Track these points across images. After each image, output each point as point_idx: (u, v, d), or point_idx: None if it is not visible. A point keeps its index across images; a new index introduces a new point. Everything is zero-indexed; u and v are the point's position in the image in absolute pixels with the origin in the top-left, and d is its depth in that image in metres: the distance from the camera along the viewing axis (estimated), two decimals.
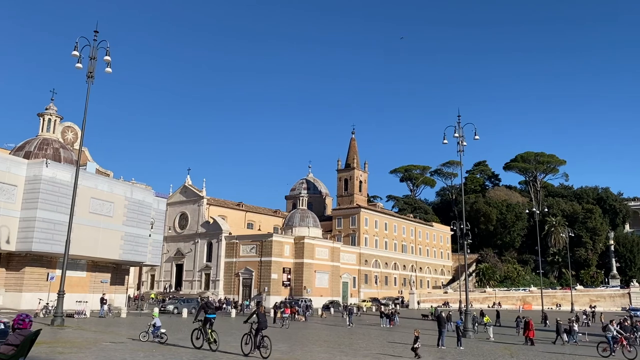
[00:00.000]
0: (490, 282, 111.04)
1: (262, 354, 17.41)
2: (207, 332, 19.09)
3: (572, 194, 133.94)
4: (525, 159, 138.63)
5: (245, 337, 18.49)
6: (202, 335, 19.33)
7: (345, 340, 30.17)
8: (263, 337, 17.78)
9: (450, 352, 25.39)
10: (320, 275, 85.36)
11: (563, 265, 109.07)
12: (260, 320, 17.97)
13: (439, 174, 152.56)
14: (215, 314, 20.33)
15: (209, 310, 19.52)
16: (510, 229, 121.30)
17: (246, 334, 18.53)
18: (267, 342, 17.64)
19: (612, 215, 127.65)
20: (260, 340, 17.71)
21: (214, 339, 19.00)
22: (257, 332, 17.85)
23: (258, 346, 17.68)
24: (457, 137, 38.18)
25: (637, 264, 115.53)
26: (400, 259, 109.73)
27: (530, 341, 32.10)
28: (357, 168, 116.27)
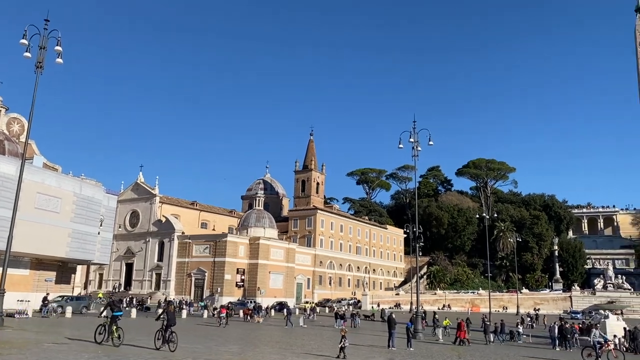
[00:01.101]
0: (441, 284, 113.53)
1: (170, 347, 19.30)
2: (112, 329, 20.06)
3: (521, 201, 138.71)
4: (477, 165, 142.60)
5: (157, 333, 20.09)
6: (105, 331, 20.25)
7: (298, 341, 30.16)
8: (172, 332, 19.59)
9: (400, 353, 25.78)
10: (274, 277, 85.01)
11: (510, 269, 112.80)
12: (169, 318, 19.76)
13: (394, 178, 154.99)
14: (122, 312, 22.38)
15: (115, 308, 20.98)
16: (461, 233, 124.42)
17: (158, 330, 20.10)
18: (174, 337, 19.59)
19: (557, 221, 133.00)
20: (169, 335, 19.52)
21: (118, 335, 20.15)
22: (167, 328, 19.61)
23: (167, 341, 19.48)
24: (412, 142, 38.91)
25: (578, 269, 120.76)
26: (354, 260, 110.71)
27: (461, 341, 32.71)
28: (315, 170, 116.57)
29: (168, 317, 19.76)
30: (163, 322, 19.94)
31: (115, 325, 20.15)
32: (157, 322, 21.14)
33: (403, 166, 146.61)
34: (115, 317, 20.45)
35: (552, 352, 32.33)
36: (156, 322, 21.39)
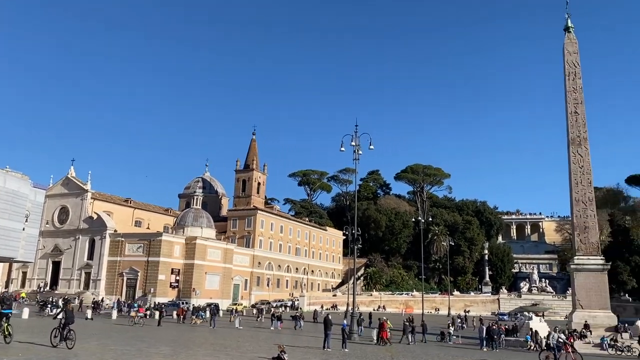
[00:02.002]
0: (377, 285, 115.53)
1: (68, 345, 19.91)
2: (3, 326, 20.44)
3: (454, 206, 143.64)
4: (415, 170, 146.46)
5: (54, 330, 20.56)
6: None
7: (233, 343, 29.76)
8: (69, 330, 20.20)
9: (334, 354, 25.98)
10: (211, 277, 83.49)
11: (443, 271, 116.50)
12: (67, 316, 20.41)
13: (335, 180, 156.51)
14: (12, 310, 23.23)
15: (4, 305, 21.63)
16: (397, 236, 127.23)
17: (55, 328, 20.61)
18: (72, 335, 20.17)
19: (488, 227, 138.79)
20: (67, 333, 20.13)
21: (9, 332, 20.44)
22: (65, 326, 20.19)
23: (64, 338, 20.06)
24: (354, 145, 39.45)
25: (506, 273, 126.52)
26: (293, 261, 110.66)
27: (383, 341, 33.39)
28: (256, 169, 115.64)
29: (67, 316, 20.37)
30: (61, 320, 20.47)
31: (7, 323, 20.58)
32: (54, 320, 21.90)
33: (344, 169, 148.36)
34: (4, 314, 20.98)
35: (480, 353, 33.65)
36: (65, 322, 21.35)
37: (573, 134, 45.41)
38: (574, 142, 45.16)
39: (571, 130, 45.53)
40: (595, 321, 40.42)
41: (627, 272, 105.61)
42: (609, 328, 40.30)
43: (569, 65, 47.05)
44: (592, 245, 43.30)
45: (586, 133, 45.29)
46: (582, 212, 43.87)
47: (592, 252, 43.04)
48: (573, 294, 44.15)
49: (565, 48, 47.51)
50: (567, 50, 47.40)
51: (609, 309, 42.15)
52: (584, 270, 42.43)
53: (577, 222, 43.99)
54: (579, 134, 45.24)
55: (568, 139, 45.66)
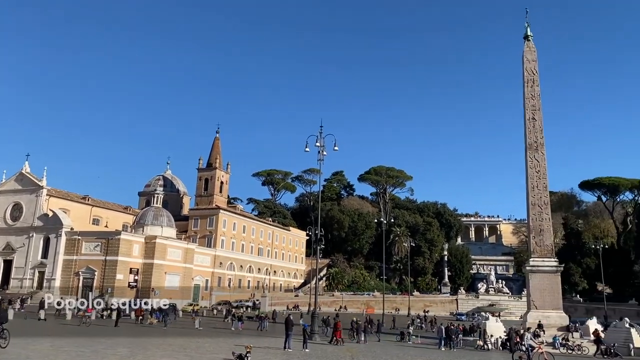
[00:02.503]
0: (339, 286, 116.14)
1: (1, 344, 20.29)
2: None
3: (416, 208, 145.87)
4: (378, 172, 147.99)
5: None
6: None
7: (192, 344, 29.35)
8: (3, 330, 20.59)
9: (295, 355, 25.98)
10: (170, 277, 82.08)
11: (404, 272, 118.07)
12: (0, 316, 21.11)
13: (300, 180, 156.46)
14: None
15: None
16: (360, 237, 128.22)
17: None
18: (5, 334, 20.56)
19: (448, 228, 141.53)
20: (0, 332, 20.54)
21: None
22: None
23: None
24: (318, 146, 39.55)
25: (464, 274, 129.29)
26: (255, 262, 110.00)
27: (337, 341, 33.68)
28: (219, 168, 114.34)
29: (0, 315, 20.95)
30: None
31: None
32: None
33: (309, 169, 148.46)
34: None
35: (438, 352, 34.29)
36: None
37: (530, 139, 46.81)
38: (531, 147, 46.56)
39: (529, 136, 46.93)
40: (548, 321, 41.78)
41: (578, 274, 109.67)
42: (561, 328, 41.74)
43: (528, 73, 48.49)
44: (547, 248, 44.75)
45: (543, 139, 46.76)
46: (537, 215, 45.28)
47: (547, 255, 44.47)
48: (528, 295, 45.53)
49: (525, 56, 48.93)
50: (526, 58, 48.82)
51: (562, 309, 43.65)
52: (538, 272, 43.80)
53: (533, 225, 45.39)
54: (536, 139, 46.66)
55: (525, 144, 47.03)
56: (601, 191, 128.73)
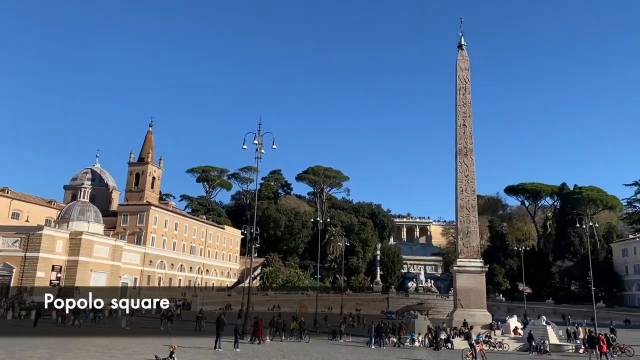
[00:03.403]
0: (273, 285, 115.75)
1: None
2: None
3: (352, 208, 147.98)
4: (316, 172, 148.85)
5: None
6: None
7: (118, 344, 28.23)
8: None
9: (226, 354, 25.63)
10: (97, 275, 78.68)
11: (338, 271, 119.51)
12: None
13: (236, 178, 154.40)
14: None
15: None
16: (296, 236, 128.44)
17: None
18: None
19: (381, 229, 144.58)
20: None
21: None
22: None
23: None
24: (256, 144, 39.24)
25: (396, 273, 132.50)
26: (187, 260, 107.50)
27: (258, 339, 33.69)
28: (152, 163, 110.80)
29: None
30: None
31: None
32: None
33: (246, 167, 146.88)
34: None
35: (368, 350, 34.94)
36: None
37: (461, 144, 48.69)
38: (461, 153, 48.44)
39: (459, 142, 48.80)
40: (473, 319, 43.58)
41: (502, 274, 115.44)
42: (485, 326, 43.68)
43: (460, 81, 50.39)
44: (473, 249, 46.72)
45: (472, 145, 48.75)
46: (465, 217, 47.18)
47: (473, 255, 46.42)
48: (455, 294, 47.35)
49: (458, 64, 50.82)
50: (459, 66, 50.73)
51: (485, 308, 45.68)
52: (465, 272, 45.62)
53: (461, 226, 47.24)
54: (466, 145, 48.59)
55: (456, 149, 48.87)
56: (524, 196, 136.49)
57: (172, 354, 19.57)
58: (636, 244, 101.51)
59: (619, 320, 73.24)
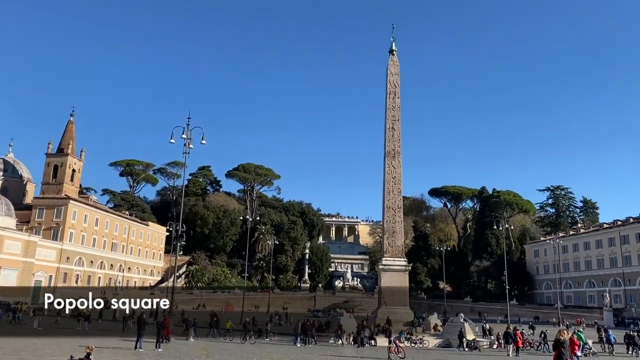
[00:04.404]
0: (199, 284, 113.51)
1: None
2: None
3: (282, 206, 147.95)
4: (247, 169, 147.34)
5: None
6: None
7: (29, 346, 26.54)
8: None
9: (147, 355, 24.82)
10: (6, 272, 73.63)
11: (266, 270, 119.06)
12: None
13: (163, 173, 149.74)
14: None
15: None
16: (224, 234, 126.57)
17: None
18: None
19: (311, 227, 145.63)
20: None
21: None
22: None
23: None
24: (185, 138, 38.25)
25: (324, 271, 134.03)
26: (108, 257, 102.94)
27: (166, 338, 33.17)
28: (72, 155, 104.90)
29: None
30: None
31: None
32: None
33: (173, 162, 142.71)
34: None
35: (294, 348, 35.09)
36: None
37: (389, 147, 50.10)
38: (389, 155, 49.84)
39: (388, 144, 50.19)
40: (396, 317, 44.95)
41: (424, 273, 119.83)
42: (407, 323, 45.21)
43: (390, 85, 51.82)
44: (398, 248, 48.21)
45: (400, 147, 50.31)
46: (391, 218, 48.59)
47: (398, 255, 47.90)
48: (379, 292, 48.64)
49: (389, 69, 52.22)
50: (390, 71, 52.15)
51: (408, 305, 47.30)
52: (389, 271, 47.00)
53: (387, 226, 48.60)
54: (394, 147, 50.05)
55: (385, 151, 50.22)
56: (447, 198, 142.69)
57: (88, 355, 18.65)
58: (547, 245, 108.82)
59: (529, 317, 78.17)
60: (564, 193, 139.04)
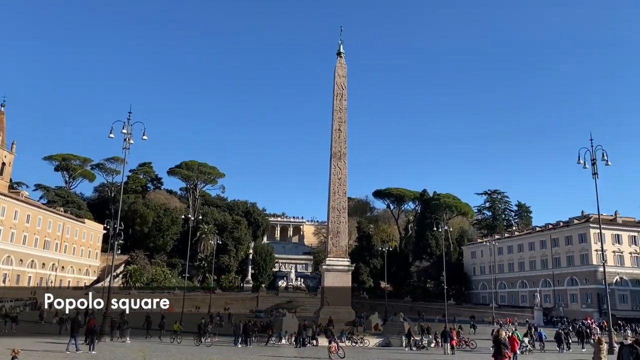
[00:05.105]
0: (137, 284, 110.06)
1: None
2: None
3: (226, 205, 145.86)
4: (190, 166, 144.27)
5: None
6: None
7: None
8: None
9: (80, 357, 23.75)
10: None
11: (208, 270, 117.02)
12: None
13: (101, 169, 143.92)
14: None
15: None
16: (164, 233, 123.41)
17: None
18: None
19: (255, 227, 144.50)
20: None
21: None
22: None
23: None
24: (125, 133, 36.98)
25: (267, 271, 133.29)
26: (40, 256, 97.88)
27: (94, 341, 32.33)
28: (2, 147, 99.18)
29: None
30: None
31: None
32: None
33: (112, 157, 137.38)
34: None
35: (234, 349, 34.64)
36: None
37: (335, 148, 50.52)
38: (336, 156, 50.27)
39: (334, 145, 50.60)
40: (338, 316, 45.36)
41: (367, 273, 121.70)
42: (348, 322, 45.73)
43: (338, 87, 52.28)
44: (342, 249, 48.68)
45: (346, 149, 50.84)
46: (336, 218, 49.01)
47: (342, 255, 48.36)
48: (322, 292, 48.93)
49: (336, 71, 52.66)
50: (338, 73, 52.60)
51: (350, 305, 47.85)
52: (333, 271, 47.38)
53: (331, 227, 48.95)
54: (340, 149, 50.52)
55: (331, 152, 50.60)
56: (390, 200, 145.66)
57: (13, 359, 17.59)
58: (483, 247, 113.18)
59: (465, 317, 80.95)
60: (501, 197, 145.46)
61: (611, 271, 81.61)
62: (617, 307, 79.95)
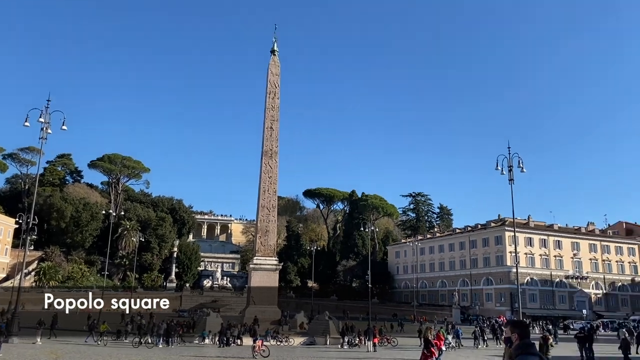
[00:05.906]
0: (51, 282, 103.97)
1: None
2: None
3: (150, 201, 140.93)
4: (112, 160, 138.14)
5: None
6: None
7: None
8: None
9: None
10: None
11: (129, 268, 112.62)
12: None
13: (14, 159, 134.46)
14: None
15: None
16: (83, 229, 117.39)
17: None
18: None
19: (181, 225, 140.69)
20: None
21: None
22: None
23: None
24: (42, 122, 34.80)
25: (192, 270, 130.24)
26: None
27: None
28: None
29: None
30: None
31: None
32: None
33: (27, 147, 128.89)
34: None
35: (156, 349, 33.60)
36: None
37: (267, 147, 50.27)
38: (267, 154, 50.03)
39: (266, 144, 50.33)
40: (264, 315, 45.19)
41: (294, 272, 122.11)
42: (274, 321, 45.67)
43: (271, 85, 52.05)
44: (270, 247, 48.52)
45: (278, 147, 50.74)
46: (265, 217, 48.78)
47: (270, 254, 48.20)
48: (248, 291, 48.57)
49: (270, 69, 52.41)
50: (271, 71, 52.37)
51: (277, 304, 47.80)
52: (260, 270, 47.13)
53: (260, 225, 48.66)
54: (271, 147, 50.33)
55: (262, 150, 50.30)
56: (320, 200, 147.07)
57: None
58: (407, 247, 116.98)
59: (388, 315, 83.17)
60: (424, 199, 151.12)
61: (523, 272, 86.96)
62: (527, 305, 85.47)
